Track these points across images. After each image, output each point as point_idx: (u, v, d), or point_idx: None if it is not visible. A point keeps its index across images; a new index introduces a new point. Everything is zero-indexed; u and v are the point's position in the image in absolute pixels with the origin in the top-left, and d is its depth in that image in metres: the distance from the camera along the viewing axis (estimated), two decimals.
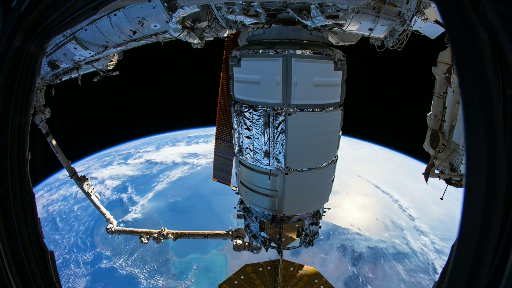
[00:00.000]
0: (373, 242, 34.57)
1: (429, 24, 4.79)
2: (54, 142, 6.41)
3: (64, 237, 40.71)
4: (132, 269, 35.80)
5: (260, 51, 3.55)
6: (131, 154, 62.88)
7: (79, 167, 56.17)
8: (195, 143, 66.63)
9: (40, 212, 43.10)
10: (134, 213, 43.32)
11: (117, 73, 6.04)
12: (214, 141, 7.45)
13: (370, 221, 37.76)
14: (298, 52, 3.41)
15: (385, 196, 42.41)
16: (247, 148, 4.11)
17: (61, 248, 39.17)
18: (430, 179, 5.60)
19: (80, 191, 7.13)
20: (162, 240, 7.50)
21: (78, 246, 39.52)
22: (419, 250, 33.98)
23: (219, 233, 7.52)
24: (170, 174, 53.64)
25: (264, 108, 3.68)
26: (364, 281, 30.86)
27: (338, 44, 5.47)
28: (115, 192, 49.60)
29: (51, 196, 48.33)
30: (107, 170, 55.66)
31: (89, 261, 37.35)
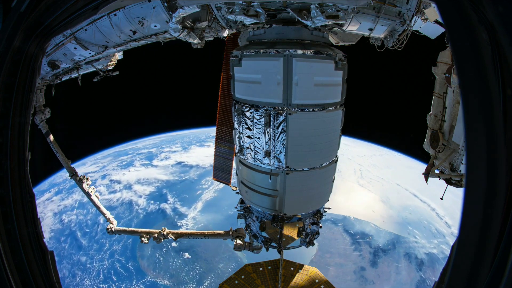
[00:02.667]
0: (428, 249, 35.61)
1: (429, 24, 4.78)
2: (54, 141, 6.41)
3: (93, 259, 31.74)
4: None
5: (261, 50, 3.55)
6: (154, 154, 56.05)
7: (91, 166, 49.85)
8: None
9: (52, 222, 36.20)
10: (187, 229, 35.45)
11: (117, 73, 6.04)
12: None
13: (421, 229, 38.83)
14: (299, 51, 3.41)
15: (424, 204, 42.78)
16: (248, 147, 4.11)
17: (92, 274, 30.03)
18: (455, 189, 5.59)
19: (104, 198, 7.10)
20: (162, 240, 7.50)
21: (118, 272, 30.27)
22: None
23: (219, 232, 7.52)
24: (214, 180, 47.67)
25: (265, 108, 3.68)
26: (431, 284, 31.89)
27: (338, 44, 5.47)
28: (152, 201, 41.24)
29: (63, 201, 39.88)
30: (130, 172, 48.31)
31: None
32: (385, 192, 44.92)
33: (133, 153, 56.92)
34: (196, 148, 59.64)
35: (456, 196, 5.83)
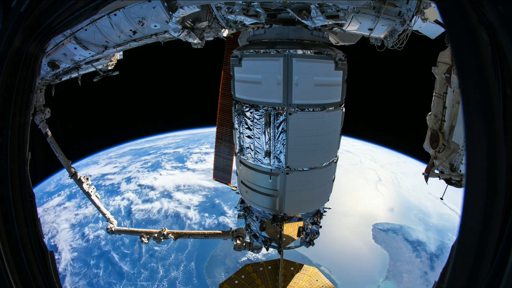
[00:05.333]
0: None
1: (429, 24, 4.78)
2: (54, 141, 6.42)
3: None
4: None
5: (261, 51, 3.55)
6: (184, 155, 48.69)
7: (106, 166, 43.02)
8: None
9: (70, 236, 27.90)
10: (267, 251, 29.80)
11: (117, 73, 6.04)
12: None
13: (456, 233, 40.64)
14: (299, 52, 3.41)
15: (452, 212, 43.62)
16: (248, 147, 4.11)
17: None
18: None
19: (138, 208, 7.08)
20: (162, 239, 7.50)
21: None
22: None
23: (219, 232, 7.51)
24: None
25: (265, 108, 3.68)
26: None
27: (338, 44, 5.47)
28: (206, 214, 34.26)
29: (80, 208, 31.91)
30: (163, 176, 40.74)
31: None
32: (422, 200, 46.00)
33: (155, 152, 49.73)
34: None
35: None
